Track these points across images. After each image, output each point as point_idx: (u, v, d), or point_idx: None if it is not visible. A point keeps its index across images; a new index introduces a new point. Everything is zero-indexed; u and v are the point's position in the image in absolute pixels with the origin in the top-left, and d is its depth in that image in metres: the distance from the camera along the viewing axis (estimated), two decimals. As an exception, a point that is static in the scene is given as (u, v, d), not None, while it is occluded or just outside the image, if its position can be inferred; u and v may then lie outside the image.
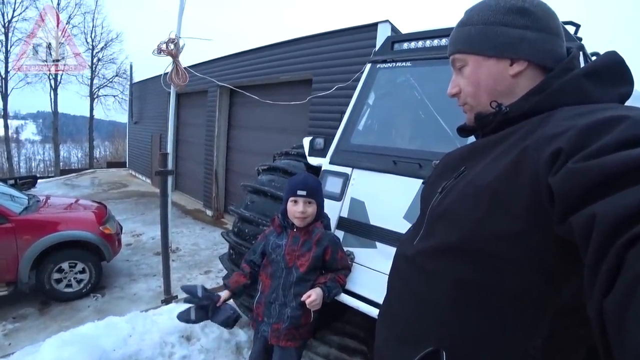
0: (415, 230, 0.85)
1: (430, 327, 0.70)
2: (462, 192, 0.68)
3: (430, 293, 0.71)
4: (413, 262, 0.77)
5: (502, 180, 0.59)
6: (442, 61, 1.93)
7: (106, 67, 22.75)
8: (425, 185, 0.90)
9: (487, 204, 0.61)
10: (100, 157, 35.29)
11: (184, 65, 2.99)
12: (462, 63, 0.79)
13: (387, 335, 0.82)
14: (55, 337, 2.02)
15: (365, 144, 2.06)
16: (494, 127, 0.74)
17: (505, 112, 0.71)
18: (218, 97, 7.80)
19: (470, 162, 0.73)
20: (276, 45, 6.29)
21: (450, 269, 0.67)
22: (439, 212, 0.73)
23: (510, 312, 0.61)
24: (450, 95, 0.85)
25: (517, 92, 0.72)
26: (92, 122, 23.29)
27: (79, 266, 4.09)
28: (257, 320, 1.73)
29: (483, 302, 0.63)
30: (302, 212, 1.62)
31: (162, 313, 2.54)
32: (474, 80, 0.77)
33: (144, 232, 6.63)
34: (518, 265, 0.59)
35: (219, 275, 4.78)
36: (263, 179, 2.40)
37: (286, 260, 1.65)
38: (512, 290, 0.60)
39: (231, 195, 8.03)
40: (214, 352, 2.33)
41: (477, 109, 0.78)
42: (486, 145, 0.72)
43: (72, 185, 11.95)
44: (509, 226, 0.58)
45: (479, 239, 0.62)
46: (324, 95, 4.90)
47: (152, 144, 11.68)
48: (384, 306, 0.91)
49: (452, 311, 0.66)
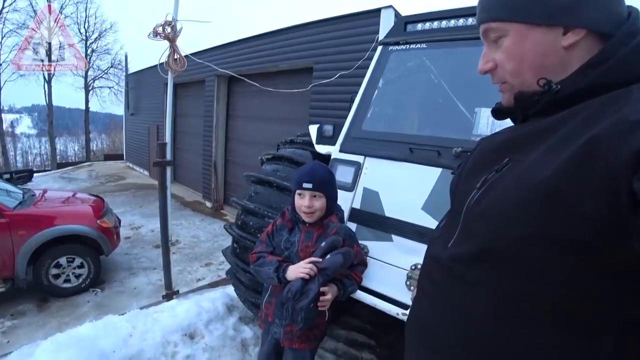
0: (448, 230, 0.75)
1: (469, 339, 0.62)
2: (509, 190, 0.57)
3: (470, 304, 0.62)
4: (449, 269, 0.67)
5: (563, 177, 0.48)
6: (460, 42, 1.80)
7: (101, 58, 22.39)
8: (458, 178, 0.79)
9: (543, 204, 0.50)
10: (97, 149, 35.10)
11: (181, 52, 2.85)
12: (500, 33, 0.65)
13: (419, 344, 0.74)
14: (50, 339, 1.92)
15: (378, 130, 1.94)
16: (539, 109, 0.62)
17: (556, 90, 0.59)
18: (216, 86, 7.65)
19: (515, 154, 0.61)
20: (276, 32, 6.13)
21: (494, 278, 0.58)
22: (480, 212, 0.62)
23: (567, 328, 0.52)
24: (482, 72, 0.71)
25: (570, 67, 0.60)
26: (87, 114, 23.05)
27: (77, 261, 4.01)
28: (267, 321, 1.62)
29: (534, 315, 0.54)
30: (308, 206, 1.47)
31: (163, 310, 2.43)
32: (516, 54, 0.63)
33: (143, 224, 6.54)
34: (578, 275, 0.49)
35: (220, 268, 4.71)
36: (267, 168, 2.29)
37: (300, 257, 1.51)
38: (570, 303, 0.51)
39: (230, 186, 7.95)
40: (219, 350, 2.24)
41: (518, 88, 0.66)
42: (535, 132, 0.60)
43: (69, 178, 11.82)
44: (571, 232, 0.48)
45: (532, 245, 0.52)
46: (326, 83, 4.76)
47: (149, 135, 11.55)
48: (415, 311, 0.82)
49: (496, 324, 0.58)
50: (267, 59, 6.25)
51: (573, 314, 0.52)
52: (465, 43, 1.78)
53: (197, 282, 4.31)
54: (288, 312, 1.53)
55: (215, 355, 2.21)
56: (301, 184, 1.48)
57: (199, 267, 4.82)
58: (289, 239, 1.55)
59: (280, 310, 1.55)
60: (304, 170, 1.55)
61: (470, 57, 1.87)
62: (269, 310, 1.60)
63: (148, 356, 2.02)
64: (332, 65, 4.95)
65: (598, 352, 0.51)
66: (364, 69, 2.22)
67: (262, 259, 1.54)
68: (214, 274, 4.58)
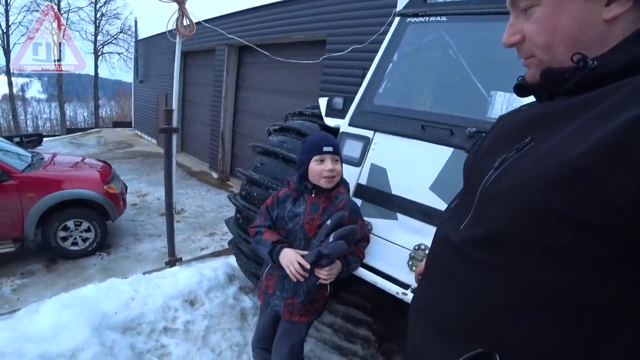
0: (461, 211, 0.71)
1: (481, 325, 0.59)
2: (532, 169, 0.52)
3: (484, 289, 0.59)
4: (461, 251, 0.64)
5: (595, 158, 0.43)
6: (484, 17, 1.69)
7: (110, 23, 21.91)
8: (473, 157, 0.74)
9: (570, 185, 0.46)
10: (106, 116, 35.15)
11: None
12: (531, 2, 0.58)
13: (425, 326, 0.71)
14: (54, 298, 1.95)
15: (390, 105, 1.86)
16: (570, 87, 0.56)
17: (592, 68, 0.52)
18: (226, 55, 7.50)
19: (539, 132, 0.56)
20: (289, 1, 5.92)
21: (511, 263, 0.54)
22: (497, 193, 0.58)
23: (585, 318, 0.49)
24: (507, 45, 0.65)
25: (608, 42, 0.53)
26: (97, 80, 22.88)
27: (84, 225, 4.09)
28: (267, 293, 1.61)
29: (552, 304, 0.51)
30: (332, 169, 1.43)
31: (165, 276, 2.46)
32: (550, 26, 0.57)
33: (150, 192, 6.60)
34: (602, 264, 0.46)
35: (223, 238, 4.77)
36: (274, 139, 2.24)
37: (305, 230, 1.49)
38: (590, 292, 0.48)
39: (237, 158, 7.94)
40: (218, 317, 2.27)
41: (548, 64, 0.59)
42: (563, 111, 0.55)
43: (78, 144, 11.92)
44: (600, 217, 0.43)
45: (554, 229, 0.48)
46: (338, 56, 4.61)
47: (158, 103, 11.49)
48: (422, 292, 0.80)
49: (510, 311, 0.55)
50: (280, 29, 6.07)
51: (594, 305, 0.48)
52: (490, 18, 1.67)
53: (200, 251, 4.38)
54: (290, 284, 1.52)
55: (214, 322, 2.24)
56: (321, 148, 1.45)
57: (203, 237, 4.88)
58: (293, 210, 1.51)
59: (282, 282, 1.54)
60: (318, 137, 1.53)
61: (493, 33, 1.77)
62: (270, 282, 1.59)
63: (149, 319, 2.06)
64: (345, 38, 4.78)
65: (616, 344, 0.48)
66: (378, 43, 2.12)
67: (259, 235, 1.52)
68: (217, 244, 4.64)
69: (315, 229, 1.48)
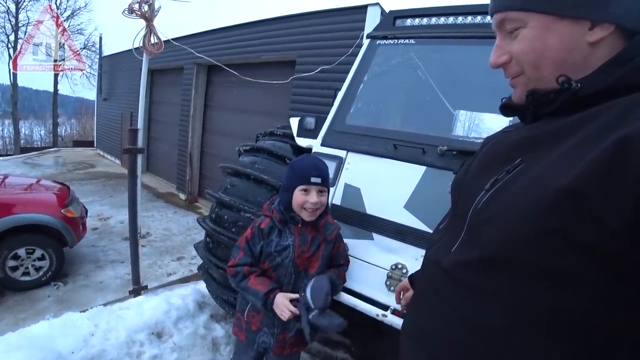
0: (451, 233, 0.71)
1: (475, 351, 0.58)
2: (525, 192, 0.52)
3: (478, 314, 0.58)
4: (453, 276, 0.63)
5: (589, 180, 0.44)
6: (451, 40, 1.76)
7: (73, 39, 21.23)
8: (462, 179, 0.74)
9: (564, 209, 0.46)
10: (66, 135, 33.35)
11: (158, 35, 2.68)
12: (518, 24, 0.60)
13: (417, 352, 0.70)
14: (0, 339, 1.75)
15: (362, 125, 1.88)
16: (555, 108, 0.58)
17: (576, 89, 0.54)
18: (195, 74, 7.41)
19: (529, 154, 0.57)
20: (259, 22, 5.99)
21: (505, 286, 0.54)
22: (490, 215, 0.58)
23: (582, 341, 0.49)
24: (494, 66, 0.66)
25: (590, 65, 0.55)
26: (56, 97, 21.82)
27: (37, 252, 3.77)
28: (250, 330, 1.49)
29: (548, 327, 0.51)
30: (315, 203, 1.33)
31: (129, 307, 2.28)
32: (537, 48, 0.58)
33: (112, 215, 6.26)
34: (599, 286, 0.46)
35: (192, 262, 4.57)
36: (245, 160, 2.18)
37: (296, 264, 1.39)
38: (587, 315, 0.48)
39: (206, 178, 7.76)
40: (189, 349, 2.13)
41: (534, 85, 0.61)
42: (551, 133, 0.56)
43: (33, 164, 11.18)
44: (596, 239, 0.44)
45: (551, 252, 0.48)
46: (308, 76, 4.67)
47: (122, 122, 11.09)
48: (413, 316, 0.78)
49: (507, 336, 0.54)
50: (250, 50, 6.10)
51: (590, 328, 0.48)
52: (457, 41, 1.75)
53: (167, 277, 4.16)
54: (280, 321, 1.41)
55: (184, 355, 2.10)
56: (308, 178, 1.33)
57: (170, 261, 4.64)
58: (281, 243, 1.39)
59: (271, 319, 1.44)
60: (306, 164, 1.38)
61: (459, 55, 1.85)
62: (255, 319, 1.47)
63: (111, 357, 1.88)
64: (315, 59, 4.88)
65: None
66: (347, 65, 2.17)
67: (244, 280, 1.38)
68: (185, 269, 4.43)
69: (305, 262, 1.41)
